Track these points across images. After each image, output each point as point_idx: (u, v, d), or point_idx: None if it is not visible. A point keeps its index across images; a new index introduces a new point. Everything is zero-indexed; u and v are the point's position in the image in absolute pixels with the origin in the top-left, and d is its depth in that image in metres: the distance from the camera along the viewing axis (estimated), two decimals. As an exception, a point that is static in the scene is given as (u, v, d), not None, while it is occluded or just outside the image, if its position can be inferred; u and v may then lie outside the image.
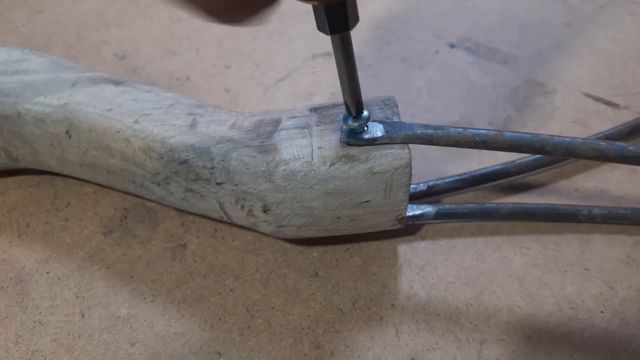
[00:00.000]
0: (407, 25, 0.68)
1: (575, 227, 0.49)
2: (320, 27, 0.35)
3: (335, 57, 0.37)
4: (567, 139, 0.39)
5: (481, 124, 0.57)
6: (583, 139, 0.39)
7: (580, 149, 0.39)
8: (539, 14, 0.68)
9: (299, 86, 0.61)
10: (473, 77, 0.61)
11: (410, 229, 0.49)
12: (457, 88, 0.60)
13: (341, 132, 0.41)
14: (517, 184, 0.52)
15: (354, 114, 0.40)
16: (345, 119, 0.40)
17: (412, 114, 0.58)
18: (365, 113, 0.40)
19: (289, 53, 0.65)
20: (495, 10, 0.69)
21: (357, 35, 0.67)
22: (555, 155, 0.40)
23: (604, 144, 0.39)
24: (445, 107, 0.58)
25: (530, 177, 0.52)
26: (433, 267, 0.47)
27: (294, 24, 0.69)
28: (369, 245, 0.48)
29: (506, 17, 0.68)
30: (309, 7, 0.67)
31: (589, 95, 0.59)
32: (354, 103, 0.39)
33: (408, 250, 0.48)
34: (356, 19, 0.35)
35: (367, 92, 0.60)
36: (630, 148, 0.38)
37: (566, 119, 0.57)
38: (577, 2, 0.69)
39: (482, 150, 0.54)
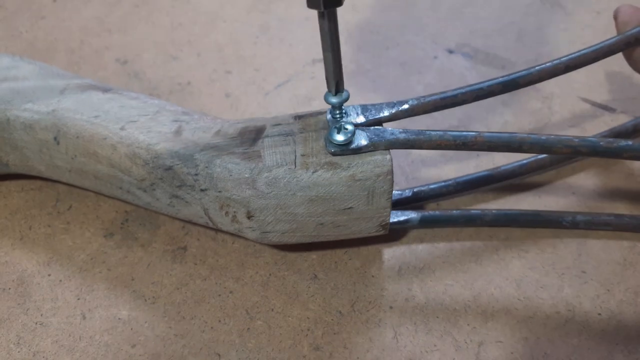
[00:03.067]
0: (406, 31, 0.68)
1: (572, 230, 0.48)
2: (311, 4, 0.35)
3: (322, 35, 0.37)
4: (543, 137, 0.40)
5: (479, 128, 0.56)
6: (557, 136, 0.40)
7: (556, 146, 0.40)
8: (537, 20, 0.68)
9: (299, 91, 0.61)
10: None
11: (400, 232, 0.49)
12: (456, 93, 0.60)
13: (326, 142, 0.41)
14: (515, 186, 0.52)
15: (333, 92, 0.40)
16: (330, 133, 0.41)
17: (410, 119, 0.57)
18: (350, 126, 0.41)
19: (289, 58, 0.65)
20: (493, 17, 0.69)
21: (357, 41, 0.67)
22: (533, 152, 0.41)
23: (577, 140, 0.40)
24: (444, 112, 0.58)
25: (528, 180, 0.52)
26: (431, 269, 0.47)
27: (294, 30, 0.69)
28: (368, 248, 0.48)
29: (504, 23, 0.68)
30: (309, 13, 0.67)
31: (586, 100, 0.59)
32: (336, 80, 0.39)
33: (407, 253, 0.48)
34: None
35: (367, 96, 0.60)
36: (601, 143, 0.39)
37: (564, 123, 0.57)
38: (574, 8, 0.69)
39: (480, 153, 0.54)
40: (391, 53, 0.65)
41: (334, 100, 0.40)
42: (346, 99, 0.41)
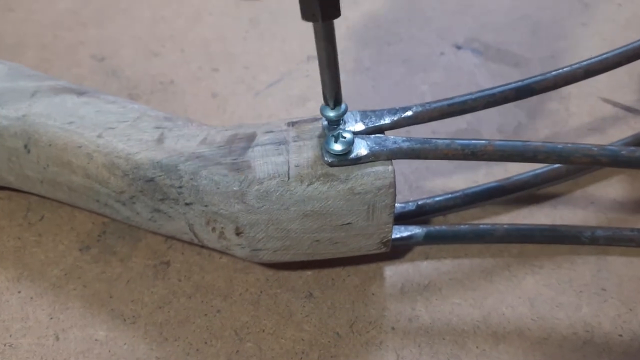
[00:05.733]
0: (410, 24, 0.68)
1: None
2: (308, 15, 0.36)
3: (318, 48, 0.38)
4: (560, 146, 0.40)
5: (490, 131, 0.57)
6: (575, 145, 0.40)
7: (573, 155, 0.40)
8: (553, 13, 0.69)
9: (293, 91, 0.62)
10: (481, 80, 0.62)
11: (403, 249, 0.50)
12: (464, 93, 0.60)
13: (323, 152, 0.41)
14: (529, 198, 0.52)
15: (331, 105, 0.40)
16: (327, 142, 0.41)
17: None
18: (348, 134, 0.41)
19: (281, 55, 0.66)
20: (506, 9, 0.69)
21: (356, 36, 0.67)
22: (549, 162, 0.41)
23: (596, 149, 0.40)
24: (451, 114, 0.59)
25: (543, 190, 0.52)
26: (437, 287, 0.47)
27: (287, 24, 0.69)
28: (368, 264, 0.49)
29: (517, 16, 0.69)
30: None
31: (607, 101, 0.59)
32: (333, 95, 0.40)
33: (410, 269, 0.48)
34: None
35: (366, 97, 0.60)
36: (623, 152, 0.39)
37: (582, 126, 0.57)
38: (594, 0, 0.70)
39: (491, 162, 0.54)
40: (393, 49, 0.66)
41: (331, 114, 0.41)
42: (344, 112, 0.41)
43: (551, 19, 0.68)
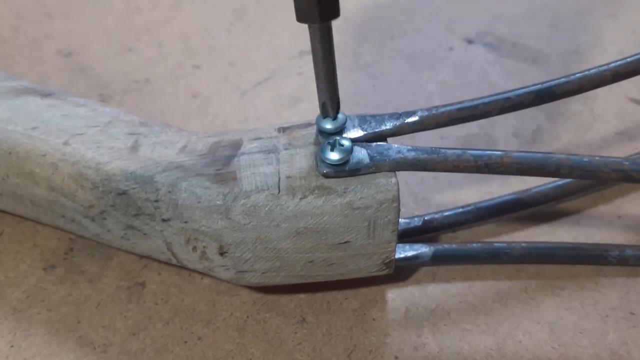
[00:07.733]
0: (415, 16, 0.68)
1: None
2: (302, 17, 0.36)
3: (314, 51, 0.38)
4: (586, 159, 0.40)
5: (505, 136, 0.57)
6: (603, 158, 0.40)
7: (602, 170, 0.40)
8: (576, 2, 0.69)
9: (283, 90, 0.62)
10: (495, 79, 0.62)
11: (408, 269, 0.50)
12: (476, 92, 0.60)
13: (317, 161, 0.41)
14: (549, 213, 0.52)
15: (331, 115, 0.41)
16: (323, 151, 0.40)
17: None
18: (347, 142, 0.41)
19: (270, 50, 0.66)
20: (522, -1, 0.70)
21: (354, 28, 0.67)
22: (573, 177, 0.41)
23: (627, 163, 0.39)
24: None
25: (564, 203, 0.52)
26: (445, 311, 0.47)
27: (277, 15, 0.69)
28: (368, 286, 0.49)
29: (535, 6, 0.69)
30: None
31: (636, 102, 0.59)
32: (332, 103, 0.40)
33: (415, 292, 0.48)
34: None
35: (366, 98, 0.60)
36: None
37: (609, 129, 0.57)
38: (622, -11, 0.70)
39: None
40: (397, 43, 0.66)
41: (328, 125, 0.41)
42: (343, 124, 0.41)
43: (574, 9, 0.68)
